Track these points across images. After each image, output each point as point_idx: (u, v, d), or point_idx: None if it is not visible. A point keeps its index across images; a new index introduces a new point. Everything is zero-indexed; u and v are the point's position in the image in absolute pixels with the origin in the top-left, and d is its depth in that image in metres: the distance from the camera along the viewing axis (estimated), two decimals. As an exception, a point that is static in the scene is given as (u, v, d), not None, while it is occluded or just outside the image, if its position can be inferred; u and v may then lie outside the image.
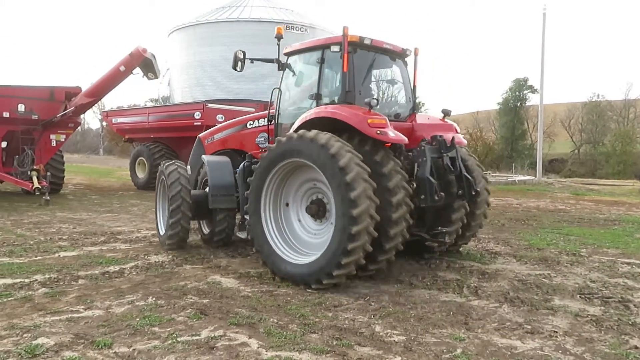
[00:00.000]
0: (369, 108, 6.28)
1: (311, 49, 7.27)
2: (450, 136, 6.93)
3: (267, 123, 7.88)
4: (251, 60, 7.63)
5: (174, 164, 8.17)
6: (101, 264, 7.12)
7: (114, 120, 21.42)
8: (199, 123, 16.41)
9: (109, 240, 8.94)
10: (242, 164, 7.79)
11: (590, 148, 55.17)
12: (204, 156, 8.60)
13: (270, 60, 7.66)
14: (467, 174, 6.85)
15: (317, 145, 6.00)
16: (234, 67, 7.53)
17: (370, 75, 7.35)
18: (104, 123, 55.57)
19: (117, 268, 6.92)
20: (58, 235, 9.29)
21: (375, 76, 7.60)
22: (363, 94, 6.84)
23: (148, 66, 15.28)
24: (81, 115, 17.74)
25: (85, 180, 23.04)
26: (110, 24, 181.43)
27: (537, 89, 37.07)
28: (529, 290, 6.18)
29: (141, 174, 19.46)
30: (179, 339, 4.44)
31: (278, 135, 7.29)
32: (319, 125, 6.41)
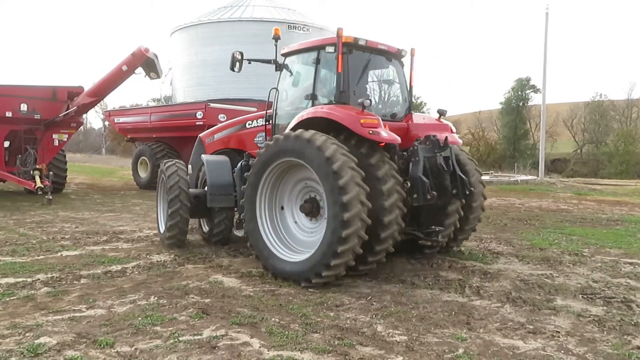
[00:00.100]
0: (362, 108, 6.35)
1: (307, 49, 7.34)
2: (444, 136, 6.97)
3: (265, 123, 7.95)
4: (249, 61, 7.70)
5: (174, 164, 8.28)
6: (103, 264, 7.13)
7: (116, 120, 21.45)
8: (201, 123, 16.43)
9: (111, 240, 8.95)
10: (240, 163, 7.90)
11: (593, 148, 55.06)
12: (203, 155, 8.70)
13: (267, 61, 7.73)
14: (462, 174, 6.89)
15: (304, 141, 6.09)
16: (232, 68, 7.63)
17: (366, 75, 7.40)
18: (107, 123, 55.62)
19: (119, 267, 6.94)
20: (60, 235, 9.32)
21: (370, 76, 7.64)
22: (358, 94, 6.89)
23: (150, 66, 15.31)
24: (83, 115, 17.78)
25: (88, 180, 23.08)
26: (112, 24, 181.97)
27: (540, 89, 37.09)
28: (531, 290, 6.17)
29: (143, 174, 19.49)
30: (180, 339, 4.45)
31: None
32: (313, 125, 6.47)
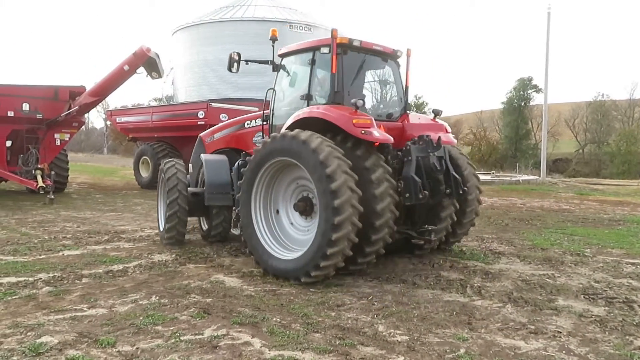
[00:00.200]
0: (355, 108, 6.44)
1: (303, 50, 7.43)
2: (437, 136, 7.03)
3: (262, 123, 8.03)
4: (246, 61, 7.75)
5: (173, 163, 8.43)
6: (105, 263, 7.14)
7: (118, 120, 21.47)
8: (203, 122, 16.44)
9: (112, 239, 8.96)
10: (237, 162, 8.01)
11: (595, 148, 55.03)
12: (202, 155, 8.81)
13: (264, 62, 7.79)
14: (455, 173, 6.96)
15: (299, 142, 6.19)
16: (229, 69, 7.70)
17: (361, 76, 7.46)
18: (108, 122, 55.64)
19: (121, 267, 6.95)
20: (62, 234, 9.33)
21: (366, 77, 7.71)
22: (352, 94, 6.96)
23: (152, 65, 15.32)
24: (85, 115, 17.79)
25: (89, 179, 23.11)
26: (113, 24, 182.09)
27: (542, 89, 37.06)
28: (532, 291, 6.16)
29: (145, 173, 19.51)
30: (182, 338, 4.45)
31: None
32: (308, 125, 6.57)
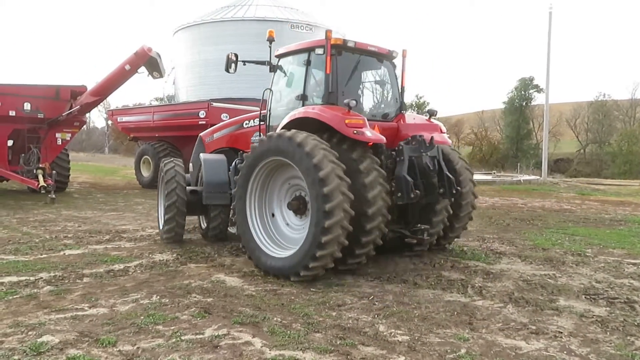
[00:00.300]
0: (348, 109, 6.49)
1: (298, 51, 7.50)
2: (429, 136, 7.06)
3: (259, 123, 8.09)
4: (243, 62, 7.81)
5: (172, 162, 8.53)
6: (106, 262, 7.15)
7: (119, 119, 21.49)
8: (204, 122, 16.44)
9: (113, 239, 8.97)
10: (234, 162, 8.07)
11: (596, 148, 54.96)
12: (201, 154, 8.89)
13: (262, 62, 7.84)
14: (449, 173, 7.00)
15: (294, 143, 6.23)
16: (227, 70, 7.77)
17: (356, 76, 7.50)
18: (109, 122, 55.72)
19: (122, 266, 6.95)
20: (63, 234, 9.33)
21: (361, 77, 7.76)
22: (347, 94, 7.00)
23: (153, 65, 15.33)
24: (87, 114, 17.79)
25: (91, 179, 23.13)
26: (114, 23, 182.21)
27: (543, 88, 36.97)
28: (533, 291, 6.15)
29: (146, 173, 19.52)
30: (182, 338, 4.45)
31: None
32: (303, 125, 6.63)
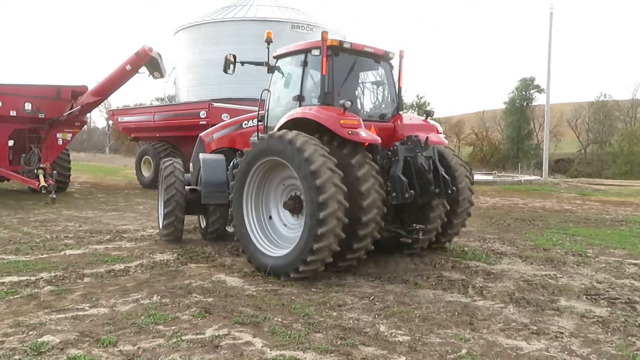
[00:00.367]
0: (344, 109, 6.54)
1: (296, 52, 7.55)
2: (425, 136, 7.10)
3: (257, 123, 8.14)
4: (241, 63, 7.84)
5: (171, 162, 8.65)
6: (106, 262, 7.15)
7: (120, 119, 21.49)
8: (205, 122, 16.43)
9: (114, 239, 8.97)
10: (232, 162, 8.13)
11: (597, 148, 54.89)
12: (200, 154, 8.95)
13: (259, 63, 7.88)
14: (445, 173, 7.04)
15: (285, 141, 6.32)
16: (225, 70, 7.80)
17: (353, 77, 7.54)
18: (110, 122, 55.78)
19: (123, 266, 6.95)
20: (64, 234, 9.34)
21: (358, 78, 7.80)
22: (343, 95, 7.03)
23: (154, 65, 15.33)
24: (87, 114, 17.81)
25: (91, 179, 23.14)
26: (115, 23, 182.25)
27: (544, 89, 36.92)
28: (534, 291, 6.15)
29: (147, 173, 19.53)
30: (183, 338, 4.45)
31: None
32: (300, 126, 6.69)
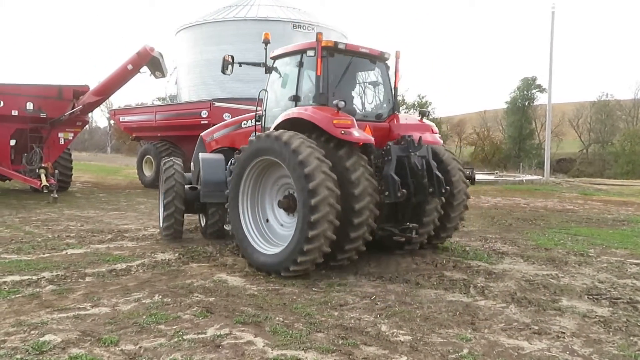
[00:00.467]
0: (337, 109, 6.60)
1: (292, 53, 7.61)
2: (418, 135, 7.15)
3: (254, 123, 8.19)
4: (239, 64, 7.88)
5: (171, 161, 8.76)
6: (108, 262, 7.16)
7: (121, 119, 21.50)
8: (206, 122, 16.43)
9: (116, 238, 8.98)
10: (230, 161, 8.17)
11: (599, 148, 54.75)
12: (200, 153, 9.03)
13: (257, 64, 7.93)
14: (439, 173, 7.10)
15: (281, 142, 6.38)
16: (223, 71, 7.84)
17: (347, 77, 7.58)
18: (112, 121, 55.87)
19: (124, 266, 6.96)
20: (65, 233, 9.35)
21: (354, 78, 7.84)
22: (337, 95, 7.08)
23: (155, 65, 15.35)
24: (89, 114, 17.83)
25: (93, 178, 23.17)
26: (116, 23, 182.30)
27: (546, 88, 36.88)
28: (536, 291, 6.14)
29: (148, 172, 19.54)
30: (184, 337, 4.46)
31: None
32: (296, 126, 6.75)
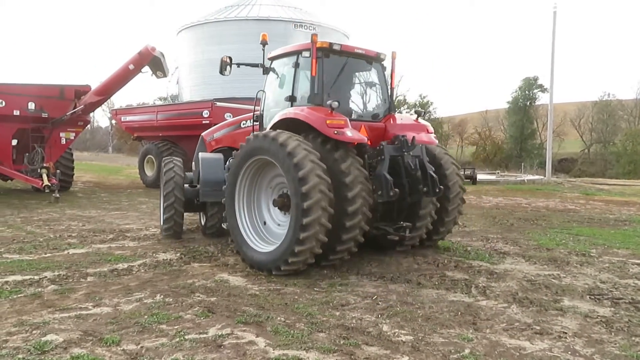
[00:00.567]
0: (331, 110, 6.65)
1: (288, 54, 7.66)
2: (411, 135, 7.19)
3: (252, 123, 8.23)
4: (237, 64, 7.96)
5: (171, 161, 8.88)
6: (110, 262, 7.16)
7: (123, 119, 21.54)
8: (207, 121, 16.44)
9: (117, 238, 8.99)
10: (228, 161, 8.23)
11: (601, 147, 54.67)
12: (200, 153, 9.10)
13: (255, 65, 7.99)
14: (434, 173, 7.15)
15: (277, 143, 6.43)
16: (221, 72, 7.93)
17: (343, 78, 7.61)
18: (113, 121, 55.92)
19: (126, 265, 6.96)
20: (67, 233, 9.36)
21: (349, 79, 7.87)
22: (332, 96, 7.11)
23: (157, 65, 15.36)
24: (90, 114, 17.85)
25: (95, 178, 23.20)
26: (118, 23, 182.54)
27: (547, 88, 36.86)
28: (538, 291, 6.13)
29: (150, 172, 19.57)
30: (186, 337, 4.46)
31: None
32: (291, 126, 6.80)
